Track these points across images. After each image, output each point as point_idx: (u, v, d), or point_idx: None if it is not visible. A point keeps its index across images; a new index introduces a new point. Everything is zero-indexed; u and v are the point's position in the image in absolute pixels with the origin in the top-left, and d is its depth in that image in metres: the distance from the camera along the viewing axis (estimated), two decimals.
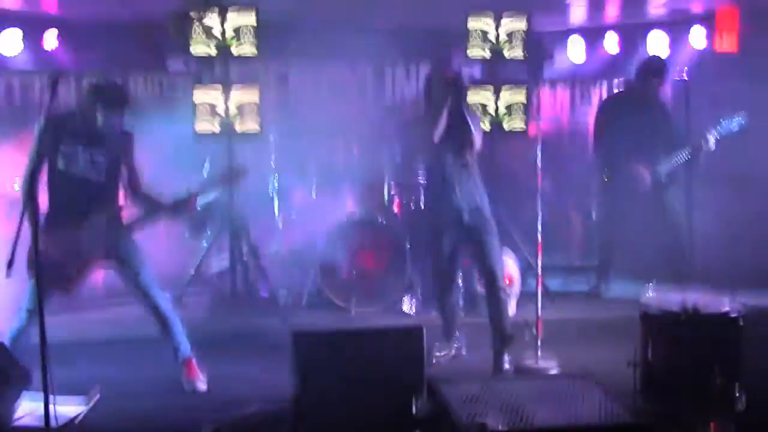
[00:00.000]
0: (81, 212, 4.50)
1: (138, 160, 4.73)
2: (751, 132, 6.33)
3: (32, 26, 6.94)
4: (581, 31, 7.84)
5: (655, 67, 6.47)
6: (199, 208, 6.33)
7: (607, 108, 6.80)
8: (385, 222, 6.36)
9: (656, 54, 7.07)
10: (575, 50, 7.83)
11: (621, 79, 7.87)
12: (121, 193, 4.70)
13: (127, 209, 4.73)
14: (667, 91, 6.90)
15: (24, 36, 6.89)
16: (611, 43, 7.77)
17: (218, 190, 5.08)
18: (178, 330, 4.75)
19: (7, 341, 4.46)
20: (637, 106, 6.43)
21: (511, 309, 6.08)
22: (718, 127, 6.20)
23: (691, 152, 6.29)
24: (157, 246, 6.77)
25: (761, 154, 6.40)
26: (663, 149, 6.39)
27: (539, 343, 4.98)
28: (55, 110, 3.52)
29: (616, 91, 7.88)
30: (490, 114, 6.68)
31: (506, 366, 4.90)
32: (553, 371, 4.88)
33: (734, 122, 6.19)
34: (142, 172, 4.77)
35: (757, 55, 6.74)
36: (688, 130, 6.34)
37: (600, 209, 7.12)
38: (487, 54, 6.60)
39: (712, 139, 6.18)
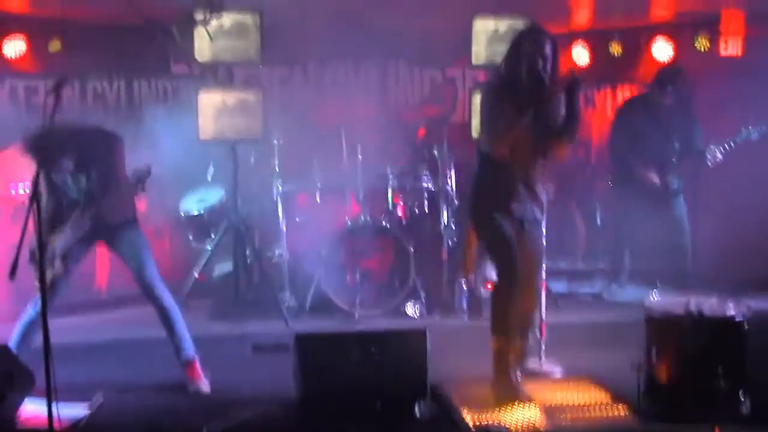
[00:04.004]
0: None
1: (136, 162, 4.65)
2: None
3: (36, 29, 6.94)
4: (585, 34, 7.82)
5: (670, 77, 6.48)
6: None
7: (623, 114, 6.82)
8: (389, 226, 6.35)
9: (673, 63, 7.09)
10: (579, 54, 7.81)
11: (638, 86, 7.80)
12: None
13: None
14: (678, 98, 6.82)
15: (28, 39, 6.89)
16: (615, 47, 7.74)
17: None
18: (182, 330, 4.75)
19: (17, 334, 4.52)
20: (652, 114, 6.48)
21: None
22: (738, 136, 6.25)
23: (699, 164, 6.38)
24: (162, 249, 6.80)
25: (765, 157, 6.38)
26: (676, 157, 6.44)
27: (543, 347, 4.97)
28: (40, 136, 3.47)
29: (631, 96, 7.82)
30: None
31: None
32: (558, 375, 4.86)
33: (754, 131, 6.24)
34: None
35: (762, 58, 6.72)
36: (693, 134, 6.37)
37: (610, 213, 7.12)
38: (491, 56, 6.57)
39: (718, 153, 6.25)
